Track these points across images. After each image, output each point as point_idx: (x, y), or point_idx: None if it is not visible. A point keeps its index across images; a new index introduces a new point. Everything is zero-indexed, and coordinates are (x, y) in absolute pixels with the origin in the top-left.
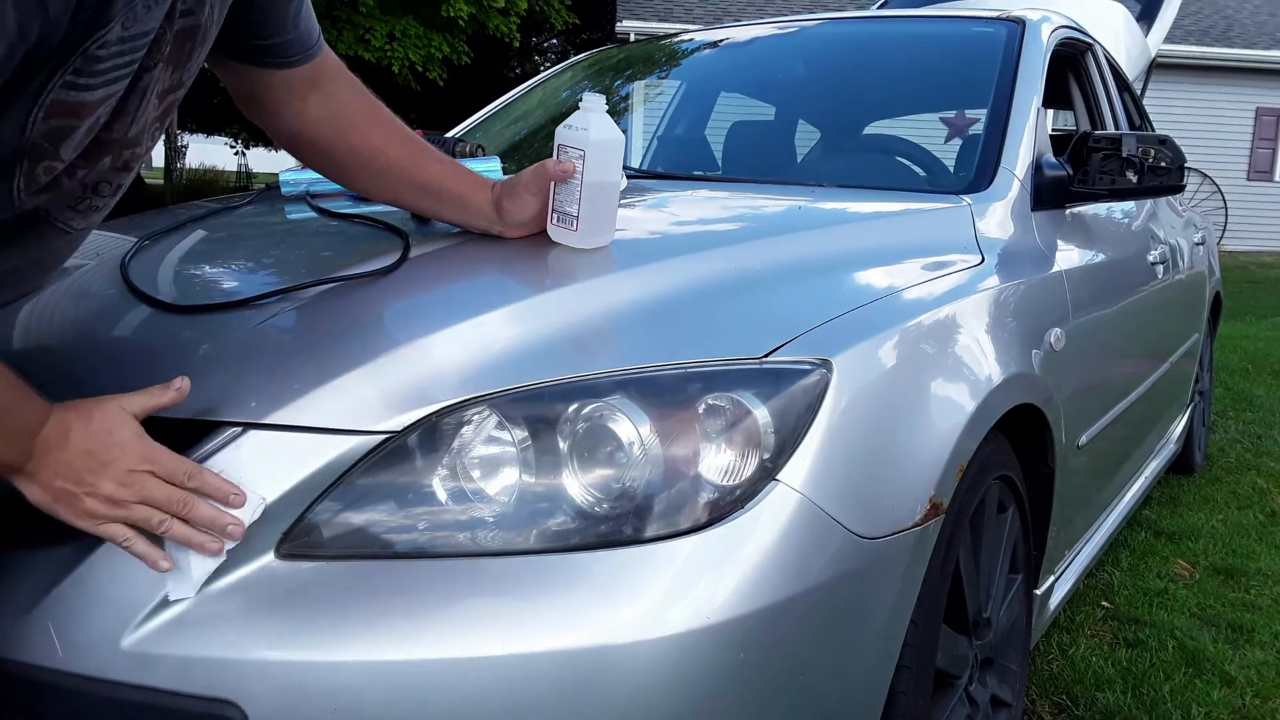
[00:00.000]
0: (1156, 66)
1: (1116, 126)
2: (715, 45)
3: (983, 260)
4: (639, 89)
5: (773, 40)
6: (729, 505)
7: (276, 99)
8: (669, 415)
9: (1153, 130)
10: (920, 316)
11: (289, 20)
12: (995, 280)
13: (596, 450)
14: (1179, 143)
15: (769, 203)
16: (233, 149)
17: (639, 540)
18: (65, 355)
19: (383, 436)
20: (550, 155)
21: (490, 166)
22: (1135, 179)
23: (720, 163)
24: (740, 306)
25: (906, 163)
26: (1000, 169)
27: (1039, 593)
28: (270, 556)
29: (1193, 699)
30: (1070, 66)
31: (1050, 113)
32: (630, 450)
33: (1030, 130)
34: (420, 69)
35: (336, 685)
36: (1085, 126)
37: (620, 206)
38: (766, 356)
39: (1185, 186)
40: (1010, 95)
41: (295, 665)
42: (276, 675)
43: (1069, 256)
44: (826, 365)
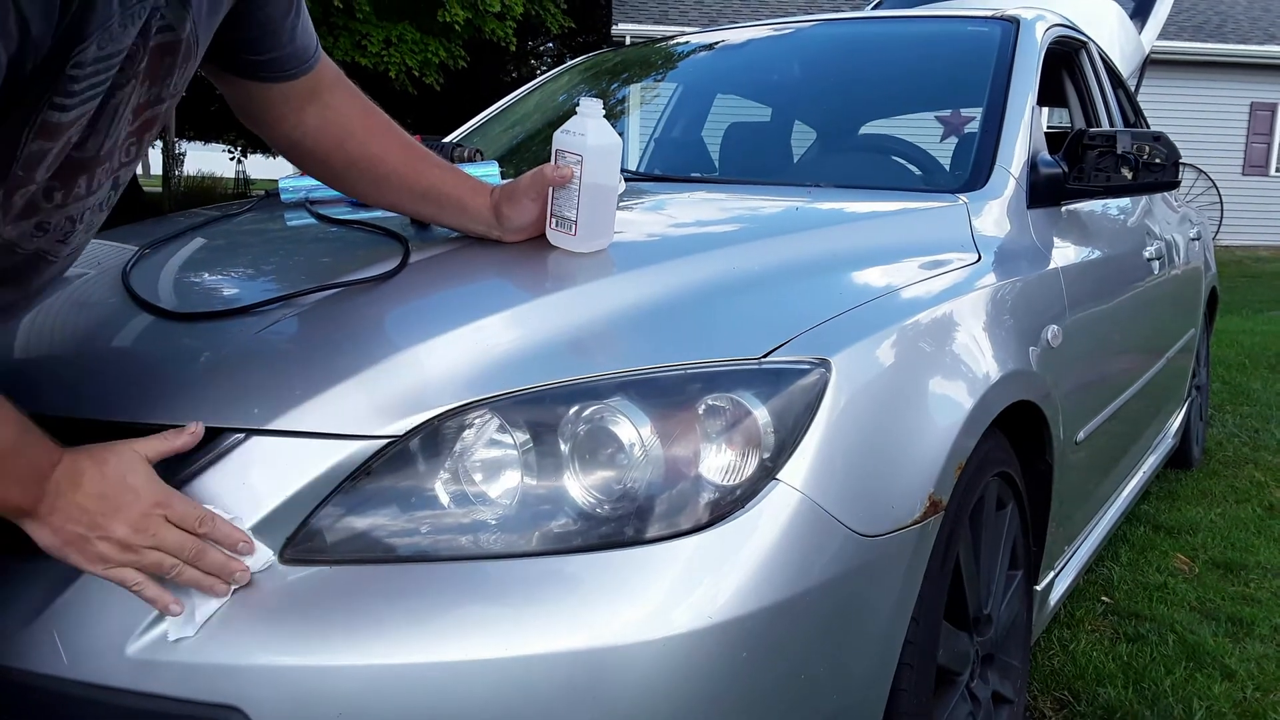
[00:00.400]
0: (1151, 62)
1: (1111, 124)
2: (711, 48)
3: (979, 258)
4: (635, 92)
5: (768, 42)
6: (730, 505)
7: (275, 111)
8: (669, 416)
9: (1147, 127)
10: (918, 315)
11: (285, 35)
12: (992, 278)
13: (597, 452)
14: (1174, 138)
15: (766, 204)
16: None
17: (641, 541)
18: (67, 364)
19: (385, 441)
20: (548, 160)
21: (488, 171)
22: (1130, 176)
23: (717, 164)
24: (739, 307)
25: (902, 162)
26: (996, 167)
27: (1039, 588)
28: (271, 563)
29: (1194, 693)
30: (1065, 64)
31: (1045, 110)
32: (631, 451)
33: (1025, 128)
34: (417, 74)
35: (340, 690)
36: (1080, 124)
37: (618, 209)
38: (765, 356)
39: (1180, 183)
40: (1005, 94)
41: (299, 670)
42: (281, 680)
43: (1065, 253)
44: (825, 365)
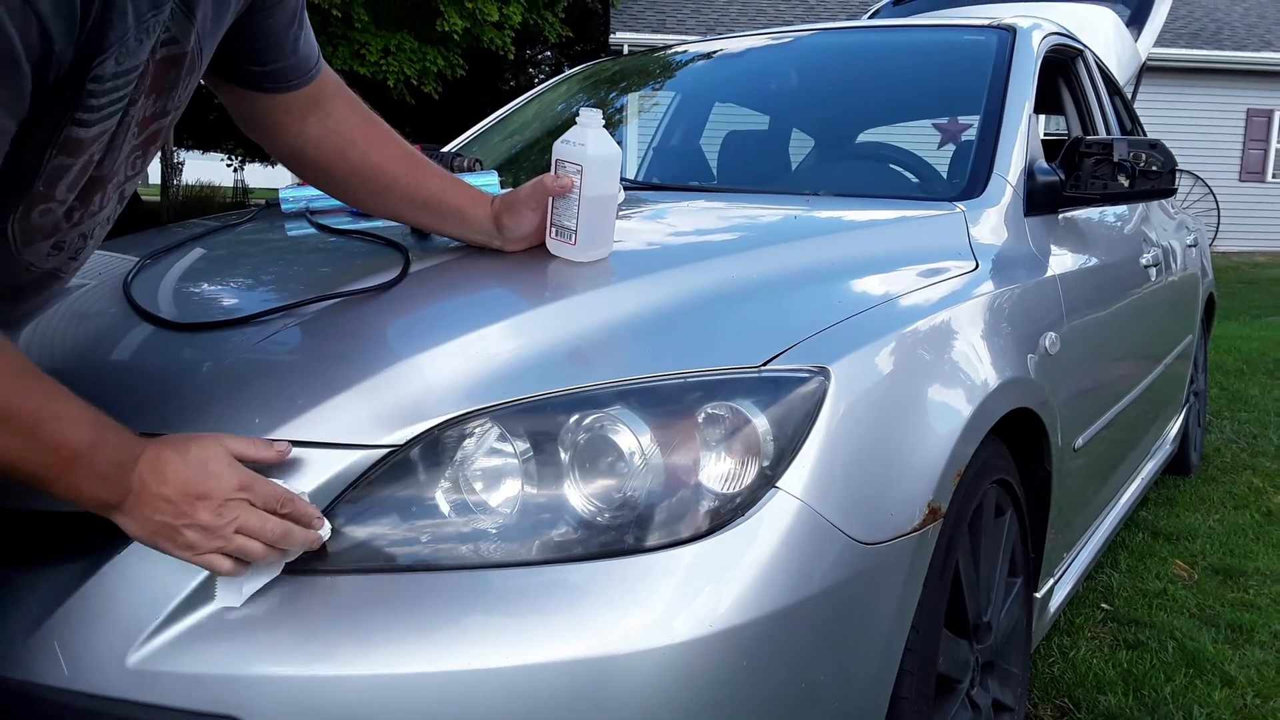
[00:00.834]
0: (1148, 70)
1: (1108, 131)
2: (709, 56)
3: (977, 266)
4: (634, 101)
5: (766, 51)
6: (730, 513)
7: (276, 120)
8: (669, 425)
9: (1144, 134)
10: (916, 323)
11: (288, 46)
12: (990, 286)
13: (598, 460)
14: (1170, 145)
15: (765, 212)
16: (229, 165)
17: (641, 549)
18: (68, 375)
19: (386, 450)
20: (547, 169)
21: (488, 181)
22: (1127, 183)
23: (715, 173)
24: (738, 316)
25: (900, 170)
26: (993, 175)
27: (1039, 595)
28: (274, 571)
29: (1194, 700)
30: (1061, 72)
31: (1042, 118)
32: (631, 460)
33: (1022, 137)
34: (415, 83)
35: (342, 700)
36: (1077, 132)
37: (617, 218)
38: (765, 365)
39: (1177, 190)
40: (1002, 102)
41: (300, 680)
42: (282, 691)
43: (1062, 261)
44: (824, 373)
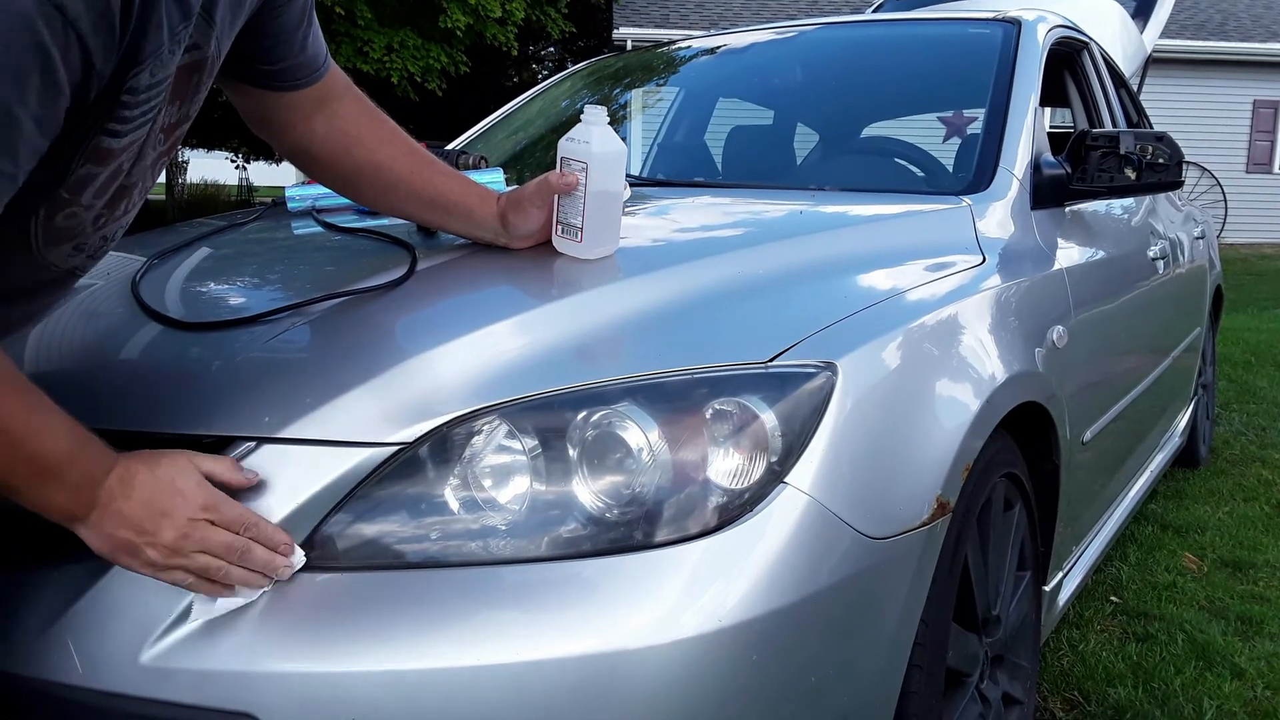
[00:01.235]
0: (1153, 62)
1: (1114, 124)
2: (713, 52)
3: (984, 260)
4: (638, 96)
5: (770, 45)
6: (738, 509)
7: (284, 118)
8: (677, 421)
9: (1150, 126)
10: (923, 317)
11: (296, 45)
12: (997, 280)
13: (606, 457)
14: (1177, 137)
15: (770, 208)
16: (234, 163)
17: (650, 545)
18: (77, 374)
19: (395, 448)
20: (552, 166)
21: (494, 178)
22: (1134, 176)
23: (720, 168)
24: (745, 311)
25: (906, 164)
26: (999, 169)
27: (1048, 589)
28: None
29: (1204, 692)
30: (1067, 65)
31: (1047, 111)
32: (639, 456)
33: (1028, 130)
34: (419, 80)
35: (353, 696)
36: (1083, 124)
37: (623, 215)
38: (772, 360)
39: (1184, 182)
40: (1008, 95)
41: (312, 677)
42: (293, 687)
43: (1069, 254)
44: (832, 368)
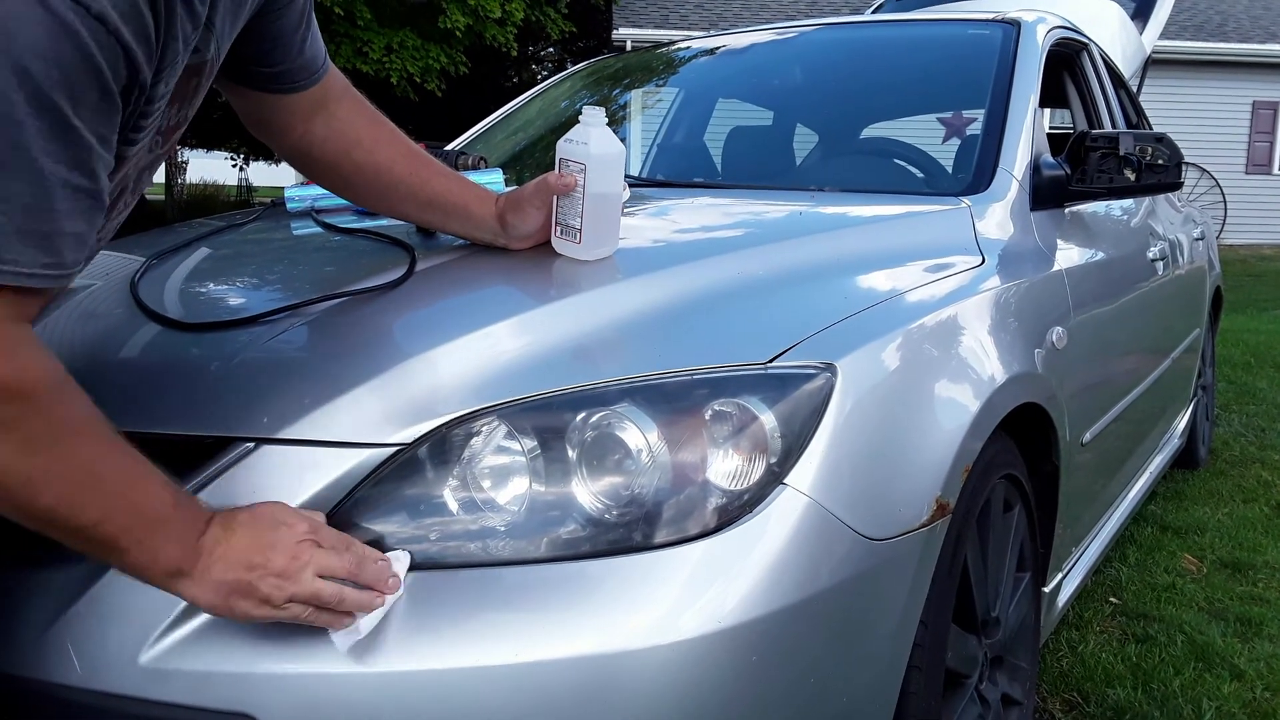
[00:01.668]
0: (1153, 63)
1: (1113, 125)
2: (712, 52)
3: (983, 261)
4: (637, 97)
5: (769, 46)
6: (737, 510)
7: (283, 120)
8: (676, 422)
9: (1150, 127)
10: (923, 318)
11: (295, 48)
12: (996, 281)
13: (605, 458)
14: (1176, 138)
15: (770, 208)
16: (233, 164)
17: (649, 547)
18: (76, 375)
19: (394, 449)
20: (551, 167)
21: (493, 178)
22: (1133, 177)
23: (720, 169)
24: (744, 312)
25: (905, 165)
26: (999, 170)
27: (1047, 590)
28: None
29: (1203, 693)
30: (1066, 66)
31: (1047, 112)
32: (639, 457)
33: (1028, 131)
34: (418, 80)
35: (352, 697)
36: (1082, 125)
37: (622, 216)
38: (771, 362)
39: (1183, 184)
40: (1007, 96)
41: (311, 678)
42: (292, 688)
43: (1069, 255)
44: (831, 369)
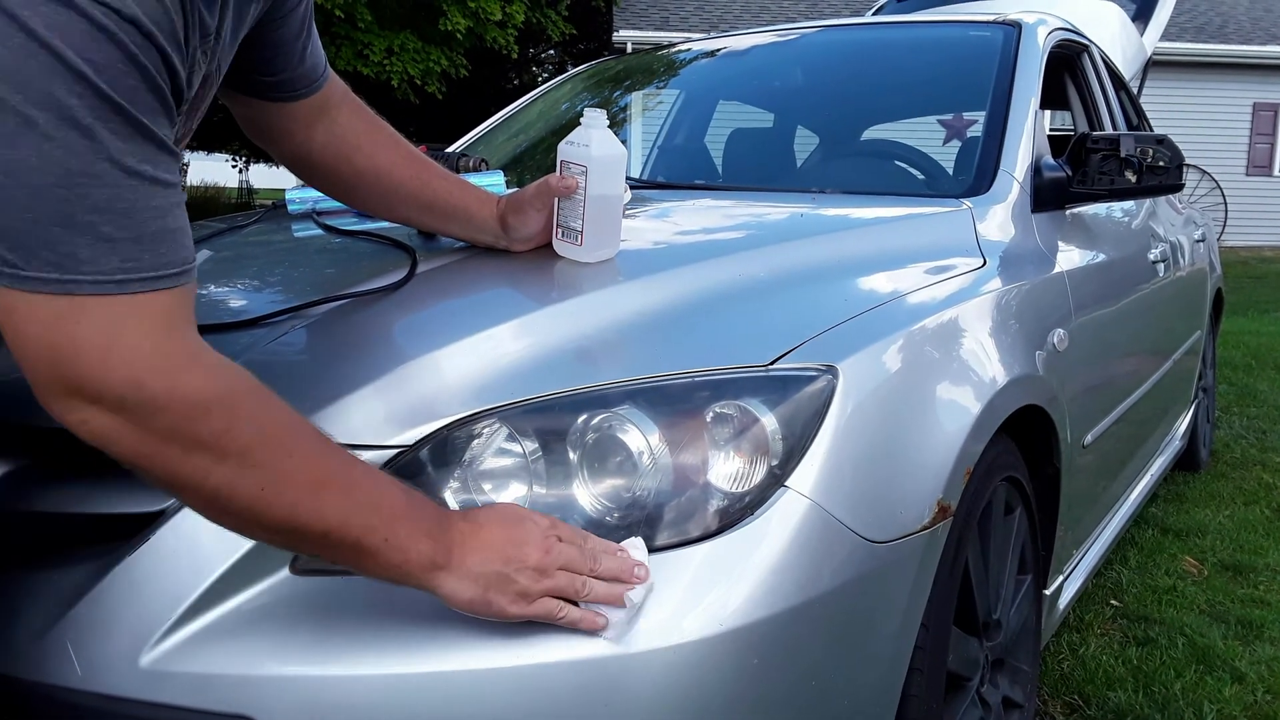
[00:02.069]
0: (1153, 64)
1: (1114, 127)
2: (713, 54)
3: (984, 263)
4: (638, 99)
5: (770, 48)
6: (739, 512)
7: (284, 128)
8: (677, 424)
9: (1150, 129)
10: (924, 320)
11: (296, 56)
12: (997, 283)
13: (606, 460)
14: (1177, 140)
15: (771, 210)
16: (233, 166)
17: (650, 549)
18: None
19: (395, 451)
20: (552, 169)
21: (494, 181)
22: (1134, 179)
23: (720, 171)
24: (745, 314)
25: (906, 167)
26: (1000, 172)
27: (1048, 593)
28: (285, 572)
29: (1204, 696)
30: (1067, 68)
31: (1048, 114)
32: (640, 460)
33: (1028, 133)
34: (419, 83)
35: (353, 699)
36: (1083, 127)
37: (623, 218)
38: (773, 364)
39: (1184, 185)
40: (1008, 98)
41: (312, 680)
42: (294, 690)
43: (1070, 257)
44: (832, 371)
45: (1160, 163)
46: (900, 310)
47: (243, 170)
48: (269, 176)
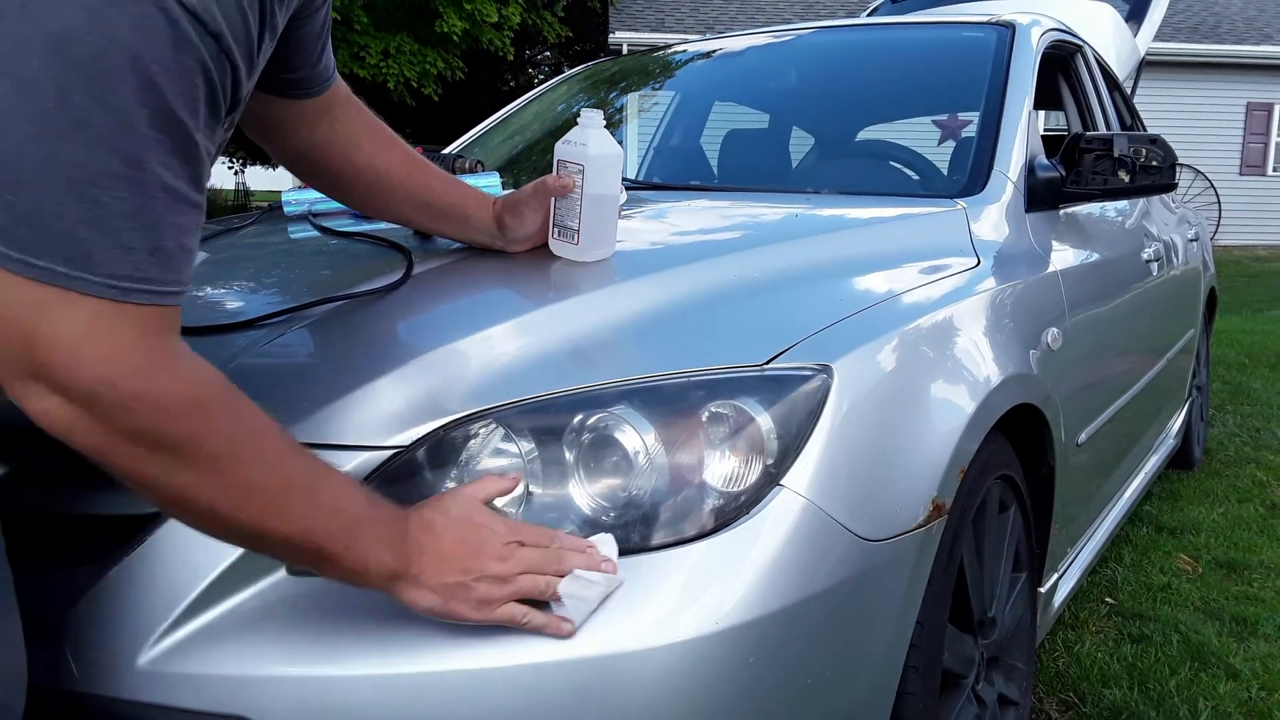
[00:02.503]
0: (1147, 64)
1: (1108, 127)
2: (708, 56)
3: (979, 263)
4: (634, 100)
5: (765, 49)
6: (734, 511)
7: (288, 125)
8: (673, 424)
9: (1144, 129)
10: (918, 320)
11: (315, 56)
12: (992, 282)
13: (602, 460)
14: (1170, 139)
15: (766, 211)
16: (230, 168)
17: (646, 548)
18: None
19: (391, 451)
20: (549, 170)
21: (490, 181)
22: (1127, 178)
23: (716, 172)
24: (741, 314)
25: (900, 167)
26: (994, 172)
27: (1043, 590)
28: (282, 573)
29: (1199, 693)
30: (1060, 68)
31: (1041, 114)
32: (636, 459)
33: (1022, 133)
34: (415, 85)
35: (350, 700)
36: (1077, 127)
37: (619, 218)
38: (768, 363)
39: (1177, 185)
40: (1002, 99)
41: (309, 680)
42: (290, 691)
43: (1064, 256)
44: (827, 370)
45: (1154, 162)
46: (895, 310)
47: (239, 172)
48: (265, 178)
